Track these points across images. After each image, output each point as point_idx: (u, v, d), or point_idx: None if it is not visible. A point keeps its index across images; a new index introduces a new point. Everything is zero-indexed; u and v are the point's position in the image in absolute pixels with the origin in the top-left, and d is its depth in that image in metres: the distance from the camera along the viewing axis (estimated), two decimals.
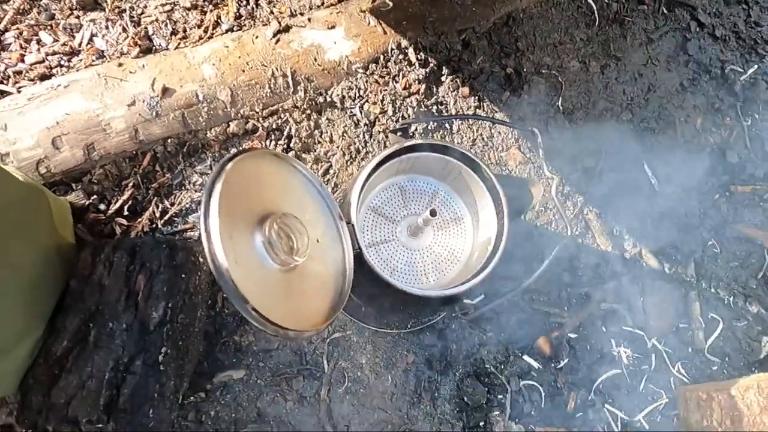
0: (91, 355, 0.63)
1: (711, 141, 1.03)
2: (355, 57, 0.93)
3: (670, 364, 0.91)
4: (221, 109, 0.86)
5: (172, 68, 0.86)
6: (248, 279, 0.45)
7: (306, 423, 0.83)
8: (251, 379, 0.83)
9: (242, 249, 0.48)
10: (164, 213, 0.86)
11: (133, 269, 0.66)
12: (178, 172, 0.87)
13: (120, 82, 0.84)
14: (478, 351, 0.89)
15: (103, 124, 0.82)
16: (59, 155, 0.81)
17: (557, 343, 0.90)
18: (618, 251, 0.95)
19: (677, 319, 0.93)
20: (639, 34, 1.07)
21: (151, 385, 0.63)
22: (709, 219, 0.99)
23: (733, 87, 1.05)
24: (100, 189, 0.84)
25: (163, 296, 0.65)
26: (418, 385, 0.86)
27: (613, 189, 0.98)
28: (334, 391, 0.84)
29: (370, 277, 0.63)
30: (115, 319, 0.64)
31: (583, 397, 0.88)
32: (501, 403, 0.87)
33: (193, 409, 0.81)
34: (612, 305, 0.93)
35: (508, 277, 0.91)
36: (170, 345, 0.65)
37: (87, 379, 0.63)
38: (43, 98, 0.81)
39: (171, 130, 0.85)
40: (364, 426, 0.84)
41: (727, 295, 0.96)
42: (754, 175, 1.01)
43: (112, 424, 0.61)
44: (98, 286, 0.66)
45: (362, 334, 0.86)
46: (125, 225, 0.84)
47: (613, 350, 0.91)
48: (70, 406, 0.62)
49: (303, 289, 0.53)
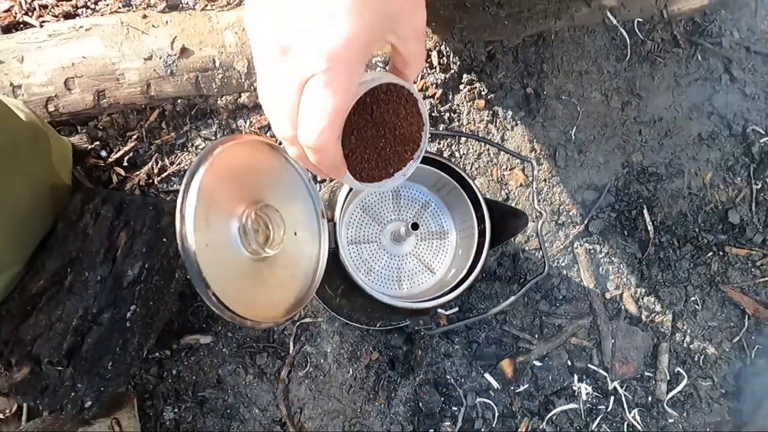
0: (64, 299, 0.65)
1: (716, 198, 1.02)
2: (377, 52, 0.92)
3: (627, 410, 0.92)
4: (236, 78, 0.87)
5: (194, 29, 0.86)
6: (215, 264, 0.46)
7: (262, 398, 0.85)
8: (217, 346, 0.85)
9: (216, 233, 0.49)
10: (163, 170, 0.87)
11: (117, 224, 0.67)
12: (183, 133, 0.88)
13: (141, 35, 0.84)
14: (442, 361, 0.90)
15: (117, 73, 0.82)
16: (69, 96, 0.82)
17: (521, 367, 0.91)
18: (600, 290, 0.95)
19: (643, 367, 0.94)
20: (668, 77, 1.05)
21: (114, 339, 0.65)
22: (698, 275, 0.98)
23: (751, 148, 1.04)
24: (104, 136, 0.85)
25: (142, 256, 0.67)
26: (377, 383, 0.88)
27: (609, 228, 0.98)
28: (295, 373, 0.86)
29: (344, 274, 0.64)
30: (92, 269, 0.66)
31: (535, 425, 0.90)
32: (454, 415, 0.89)
33: (156, 365, 0.83)
34: (582, 341, 0.94)
35: (487, 296, 0.92)
36: (140, 304, 0.67)
37: (56, 321, 0.65)
38: (63, 37, 0.82)
39: (183, 90, 0.85)
40: (316, 412, 0.86)
41: (698, 354, 0.96)
42: (752, 239, 1.00)
43: (71, 369, 0.63)
44: (82, 234, 0.68)
45: (332, 324, 0.88)
46: (123, 175, 0.85)
47: (574, 385, 0.92)
48: (35, 344, 0.65)
49: (270, 280, 0.54)
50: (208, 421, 0.84)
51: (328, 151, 0.44)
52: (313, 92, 0.41)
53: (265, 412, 0.85)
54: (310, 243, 0.60)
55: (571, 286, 0.95)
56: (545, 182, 0.97)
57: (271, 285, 0.54)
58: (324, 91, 0.41)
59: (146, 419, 0.83)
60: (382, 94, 0.50)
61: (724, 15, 1.07)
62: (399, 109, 0.51)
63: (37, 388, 0.65)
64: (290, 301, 0.55)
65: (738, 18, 1.07)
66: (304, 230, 0.59)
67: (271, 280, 0.54)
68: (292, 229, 0.57)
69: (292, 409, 0.86)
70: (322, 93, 0.41)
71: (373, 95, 0.49)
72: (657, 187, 1.00)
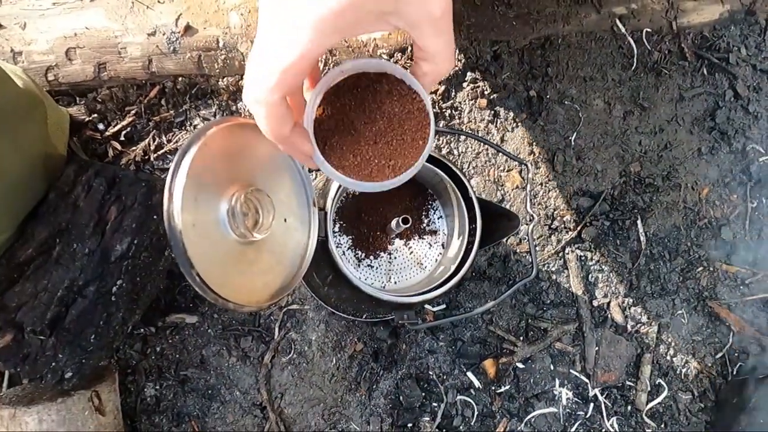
0: (51, 269, 0.65)
1: (711, 213, 1.02)
2: (383, 42, 0.92)
3: (605, 417, 0.93)
4: (238, 60, 0.86)
5: (200, 7, 0.85)
6: (201, 244, 0.46)
7: (244, 381, 0.86)
8: (202, 327, 0.85)
9: (204, 214, 0.49)
10: (159, 147, 0.87)
11: (108, 198, 0.67)
12: (182, 111, 0.87)
13: (146, 9, 0.83)
14: (426, 356, 0.90)
15: (120, 47, 0.82)
16: (70, 66, 0.81)
17: (503, 368, 0.92)
18: (588, 297, 0.96)
19: (625, 376, 0.94)
20: (672, 89, 1.05)
21: (98, 312, 0.65)
22: (686, 289, 0.99)
23: (750, 166, 1.04)
24: (102, 109, 0.85)
25: (131, 232, 0.67)
26: (359, 374, 0.88)
27: (601, 236, 0.98)
28: (278, 358, 0.87)
29: (332, 263, 0.64)
30: (81, 241, 0.65)
31: (513, 426, 0.90)
32: (434, 411, 0.89)
33: (140, 341, 0.84)
34: (566, 347, 0.94)
35: (475, 295, 0.93)
36: (127, 279, 0.67)
37: (41, 290, 0.65)
38: (67, 6, 0.82)
39: (184, 69, 0.85)
40: (297, 398, 0.86)
41: (681, 366, 0.97)
42: (743, 257, 1.00)
43: (53, 339, 0.63)
44: (73, 205, 0.68)
45: (319, 312, 0.88)
46: (119, 150, 0.85)
47: (555, 389, 0.93)
48: (19, 312, 0.65)
49: (256, 264, 0.54)
50: (188, 400, 0.84)
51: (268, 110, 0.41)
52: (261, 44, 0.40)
53: (246, 395, 0.86)
54: (300, 230, 0.59)
55: (559, 291, 0.96)
56: (541, 186, 0.97)
57: (257, 269, 0.54)
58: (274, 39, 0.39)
59: (127, 394, 0.83)
60: (380, 85, 0.48)
61: (733, 31, 1.07)
62: (399, 105, 0.48)
63: (18, 356, 0.65)
64: (275, 287, 0.55)
65: (747, 35, 1.07)
66: (294, 217, 0.59)
67: (257, 265, 0.54)
68: (282, 215, 0.57)
69: (273, 394, 0.86)
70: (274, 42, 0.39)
71: (368, 84, 0.47)
72: (653, 198, 1.00)
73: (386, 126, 0.48)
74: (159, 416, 0.84)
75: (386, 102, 0.48)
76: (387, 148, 0.49)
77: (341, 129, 0.48)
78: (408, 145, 0.49)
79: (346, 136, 0.48)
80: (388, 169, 0.48)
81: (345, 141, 0.48)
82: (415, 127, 0.48)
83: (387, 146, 0.49)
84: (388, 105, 0.48)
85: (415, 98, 0.48)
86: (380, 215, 0.74)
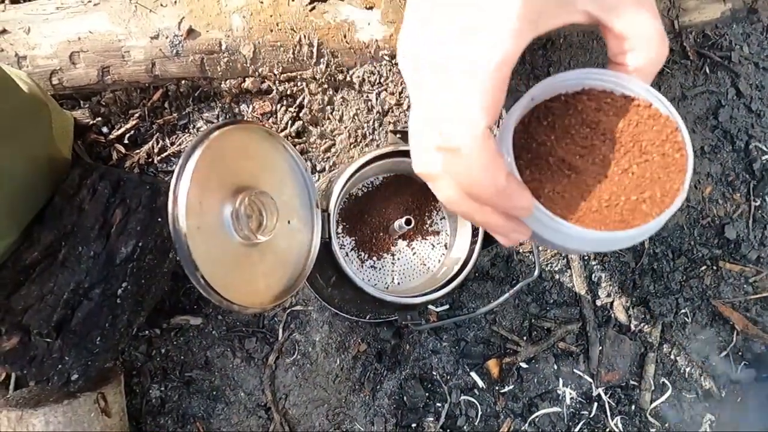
0: (56, 272, 0.66)
1: (714, 212, 1.02)
2: (385, 43, 0.92)
3: (609, 417, 0.93)
4: (241, 63, 0.86)
5: (202, 11, 0.86)
6: (205, 247, 0.47)
7: (248, 382, 0.86)
8: (207, 328, 0.86)
9: (209, 217, 0.49)
10: (163, 150, 0.88)
11: (113, 201, 0.67)
12: (185, 114, 0.88)
13: (149, 13, 0.84)
14: (429, 357, 0.91)
15: (123, 50, 0.82)
16: (74, 70, 0.82)
17: (507, 368, 0.92)
18: (591, 297, 0.96)
19: (629, 376, 0.94)
20: (675, 88, 1.04)
21: (104, 314, 0.66)
22: (690, 288, 0.99)
23: (753, 164, 1.04)
24: (106, 112, 0.85)
25: (136, 234, 0.67)
26: (363, 374, 0.89)
27: None
28: (283, 359, 0.87)
29: (336, 265, 0.65)
30: (86, 244, 0.66)
31: (517, 426, 0.90)
32: (437, 411, 0.89)
33: (145, 343, 0.84)
34: (570, 346, 0.94)
35: (478, 295, 0.93)
36: (132, 282, 0.67)
37: (47, 293, 0.65)
38: (71, 10, 0.82)
39: (187, 72, 0.85)
40: (301, 399, 0.87)
41: (685, 365, 0.97)
42: (747, 256, 1.00)
43: (59, 341, 0.64)
44: (78, 208, 0.68)
45: (322, 313, 0.89)
46: (123, 153, 0.85)
47: (559, 389, 0.93)
48: (25, 314, 0.65)
49: (260, 266, 0.54)
50: (193, 402, 0.85)
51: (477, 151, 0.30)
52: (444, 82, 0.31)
53: (251, 396, 0.86)
54: (303, 232, 0.60)
55: (562, 290, 0.96)
56: None
57: (261, 271, 0.54)
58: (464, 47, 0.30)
59: (132, 396, 0.83)
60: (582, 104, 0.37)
61: (735, 29, 1.07)
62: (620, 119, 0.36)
63: (25, 358, 0.65)
64: (279, 289, 0.55)
65: (749, 33, 1.07)
66: (297, 219, 0.59)
67: (261, 267, 0.54)
68: (286, 217, 0.57)
69: (278, 395, 0.87)
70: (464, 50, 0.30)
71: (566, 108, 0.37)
72: None
73: (612, 150, 0.36)
74: (164, 417, 0.84)
75: (601, 121, 0.37)
76: (629, 179, 0.36)
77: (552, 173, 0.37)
78: (657, 164, 0.36)
79: (563, 179, 0.37)
80: (644, 204, 0.36)
81: (566, 186, 0.37)
82: (655, 137, 0.36)
83: (627, 176, 0.36)
84: (606, 123, 0.37)
85: (637, 104, 0.37)
86: (383, 216, 0.74)
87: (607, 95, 0.37)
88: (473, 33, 0.31)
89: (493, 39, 0.30)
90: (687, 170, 0.36)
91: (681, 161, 0.36)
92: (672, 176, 0.36)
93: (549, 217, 0.34)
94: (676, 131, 0.36)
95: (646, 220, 0.35)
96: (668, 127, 0.36)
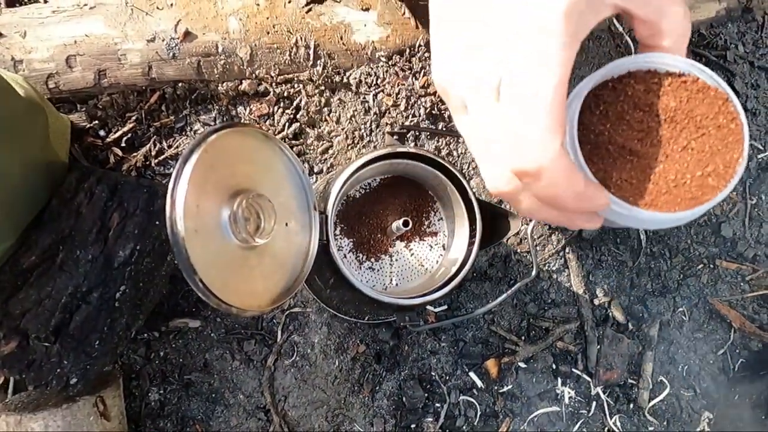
0: (54, 276, 0.66)
1: (710, 211, 1.02)
2: (381, 44, 0.92)
3: (608, 415, 0.93)
4: (237, 65, 0.87)
5: (198, 13, 0.86)
6: (203, 250, 0.47)
7: (247, 384, 0.86)
8: (206, 331, 0.86)
9: (206, 220, 0.49)
10: (160, 153, 0.87)
11: (110, 205, 0.67)
12: (182, 117, 0.88)
13: (145, 16, 0.84)
14: (428, 357, 0.91)
15: (119, 53, 0.82)
16: (70, 74, 0.82)
17: (505, 368, 0.92)
18: (588, 296, 0.96)
19: (627, 374, 0.95)
20: None
21: (102, 318, 0.66)
22: (687, 286, 0.99)
23: (749, 163, 1.04)
24: (103, 115, 0.85)
25: (134, 238, 0.67)
26: (362, 376, 0.89)
27: (602, 235, 0.98)
28: (281, 361, 0.87)
29: (334, 266, 0.65)
30: (84, 248, 0.66)
31: (516, 426, 0.91)
32: (436, 412, 0.90)
33: (143, 346, 0.84)
34: (568, 346, 0.94)
35: (476, 296, 0.93)
36: (130, 285, 0.67)
37: (45, 297, 0.65)
38: (67, 14, 0.82)
39: (184, 74, 0.85)
40: (301, 401, 0.87)
41: (683, 364, 0.97)
42: (743, 254, 1.01)
43: (58, 345, 0.64)
44: (75, 212, 0.68)
45: (321, 315, 0.89)
46: (120, 156, 0.85)
47: (558, 389, 0.93)
48: (23, 319, 0.65)
49: (258, 269, 0.54)
50: (192, 404, 0.85)
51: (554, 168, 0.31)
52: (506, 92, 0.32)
53: (250, 398, 0.86)
54: (301, 234, 0.60)
55: (560, 290, 0.96)
56: None
57: (259, 274, 0.55)
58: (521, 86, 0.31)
59: (131, 399, 0.83)
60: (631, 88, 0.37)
61: (730, 28, 1.07)
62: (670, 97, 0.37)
63: (23, 362, 0.65)
64: (277, 291, 0.56)
65: (744, 32, 1.07)
66: (295, 221, 0.59)
67: (259, 269, 0.55)
68: (283, 219, 0.57)
69: (277, 397, 0.87)
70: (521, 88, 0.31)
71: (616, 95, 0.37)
72: None
73: (670, 130, 0.38)
74: (163, 420, 0.84)
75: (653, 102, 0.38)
76: (690, 155, 0.38)
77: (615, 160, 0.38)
78: (714, 137, 0.38)
79: (626, 165, 0.38)
80: (710, 178, 0.37)
81: (631, 172, 0.38)
82: (708, 111, 0.38)
83: (688, 153, 0.38)
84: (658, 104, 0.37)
85: (684, 80, 0.38)
86: (381, 218, 0.74)
87: (653, 75, 0.38)
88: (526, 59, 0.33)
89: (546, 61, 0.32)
90: (744, 138, 0.38)
91: (737, 130, 0.38)
92: (731, 146, 0.38)
93: (624, 206, 0.36)
94: (727, 102, 0.38)
95: (714, 193, 0.37)
96: (719, 99, 0.38)
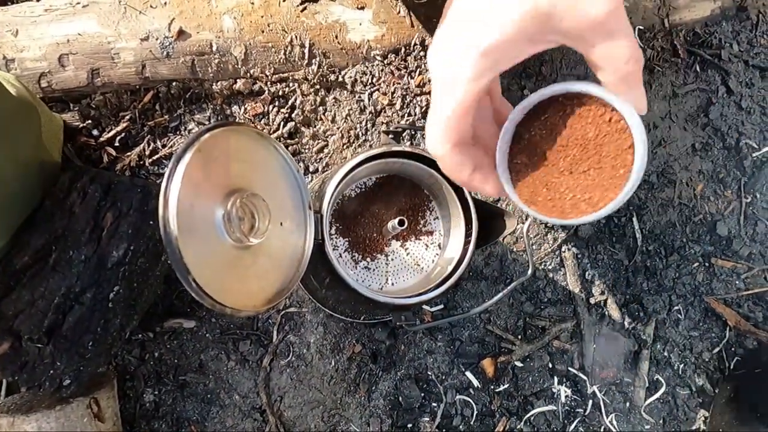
0: (47, 276, 0.65)
1: (706, 209, 1.02)
2: (376, 43, 0.92)
3: (604, 414, 0.93)
4: (232, 64, 0.86)
5: (192, 12, 0.85)
6: (197, 250, 0.46)
7: (243, 385, 0.86)
8: (201, 331, 0.85)
9: (199, 220, 0.49)
10: (154, 152, 0.87)
11: (104, 205, 0.67)
12: (177, 116, 0.87)
13: (138, 15, 0.83)
14: (425, 357, 0.91)
15: (113, 52, 0.82)
16: (63, 73, 0.81)
17: (502, 367, 0.92)
18: (585, 295, 0.96)
19: (623, 373, 0.95)
20: (666, 86, 1.05)
21: (96, 319, 0.65)
22: (682, 285, 0.99)
23: (743, 161, 1.04)
24: (96, 115, 0.85)
25: (127, 238, 0.66)
26: (358, 375, 0.89)
27: (598, 234, 0.98)
28: (277, 361, 0.87)
29: (329, 266, 0.64)
30: (77, 248, 0.65)
31: (513, 425, 0.91)
32: (433, 411, 0.89)
33: (138, 347, 0.84)
34: (564, 344, 0.94)
35: (472, 295, 0.93)
36: (124, 285, 0.67)
37: (38, 298, 0.65)
38: (59, 13, 0.82)
39: (178, 73, 0.85)
40: (297, 401, 0.86)
41: (678, 362, 0.97)
42: (739, 252, 1.01)
43: (51, 347, 0.63)
44: (69, 212, 0.67)
45: (317, 314, 0.88)
46: (114, 156, 0.85)
47: (554, 387, 0.93)
48: (16, 320, 0.64)
49: (253, 269, 0.54)
50: (188, 405, 0.84)
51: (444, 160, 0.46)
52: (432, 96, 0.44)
53: (246, 398, 0.86)
54: (296, 234, 0.60)
55: (556, 289, 0.96)
56: None
57: (254, 274, 0.54)
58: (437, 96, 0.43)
59: (126, 400, 0.83)
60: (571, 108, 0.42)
61: (725, 27, 1.07)
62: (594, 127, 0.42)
63: (16, 364, 0.65)
64: (272, 291, 0.55)
65: (738, 31, 1.07)
66: (290, 221, 0.59)
67: (254, 269, 0.54)
68: (278, 219, 0.57)
69: (273, 397, 0.86)
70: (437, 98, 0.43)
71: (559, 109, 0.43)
72: (648, 195, 1.00)
73: (580, 154, 0.43)
74: (158, 421, 0.83)
75: (578, 126, 0.42)
76: (584, 179, 0.43)
77: (533, 161, 0.45)
78: (607, 174, 0.42)
79: (538, 168, 0.45)
80: (583, 203, 0.43)
81: (537, 174, 0.45)
82: (614, 152, 0.41)
83: (583, 177, 0.43)
84: (581, 129, 0.42)
85: (611, 117, 0.41)
86: (377, 217, 0.74)
87: (594, 103, 0.42)
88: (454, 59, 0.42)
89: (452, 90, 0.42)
90: (622, 188, 0.41)
91: (623, 177, 0.41)
92: (612, 188, 0.42)
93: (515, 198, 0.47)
94: (629, 150, 0.41)
95: (578, 216, 0.43)
96: (625, 144, 0.41)
